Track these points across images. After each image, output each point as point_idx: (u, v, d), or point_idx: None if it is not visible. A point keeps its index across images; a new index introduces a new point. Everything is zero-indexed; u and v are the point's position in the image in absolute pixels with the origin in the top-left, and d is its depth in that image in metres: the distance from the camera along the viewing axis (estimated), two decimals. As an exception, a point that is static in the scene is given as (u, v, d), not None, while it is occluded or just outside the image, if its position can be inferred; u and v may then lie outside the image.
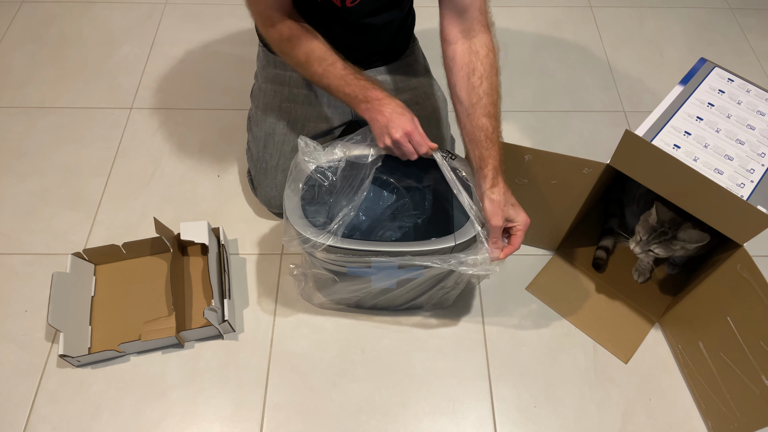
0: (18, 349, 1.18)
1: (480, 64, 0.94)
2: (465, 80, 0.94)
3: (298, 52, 0.99)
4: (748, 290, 0.96)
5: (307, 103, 1.22)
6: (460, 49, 0.96)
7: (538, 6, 1.89)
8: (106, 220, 1.37)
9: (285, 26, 0.98)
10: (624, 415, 1.12)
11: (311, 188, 1.00)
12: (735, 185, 0.96)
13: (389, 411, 1.12)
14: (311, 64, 0.98)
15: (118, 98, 1.61)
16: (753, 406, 0.97)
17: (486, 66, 0.94)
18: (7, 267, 1.29)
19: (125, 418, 1.10)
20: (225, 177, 1.45)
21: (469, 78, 0.94)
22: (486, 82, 0.94)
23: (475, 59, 0.95)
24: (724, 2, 1.93)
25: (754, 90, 1.09)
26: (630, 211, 1.24)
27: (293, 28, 0.98)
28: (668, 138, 1.02)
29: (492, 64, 0.95)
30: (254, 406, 1.12)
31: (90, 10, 1.84)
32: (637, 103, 1.63)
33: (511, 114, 1.60)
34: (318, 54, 0.97)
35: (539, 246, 1.34)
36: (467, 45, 0.96)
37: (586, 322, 1.23)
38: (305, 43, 0.97)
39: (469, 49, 0.96)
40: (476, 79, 0.94)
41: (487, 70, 0.94)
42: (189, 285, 1.26)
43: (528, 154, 1.08)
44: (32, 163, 1.46)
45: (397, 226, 0.98)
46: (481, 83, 0.94)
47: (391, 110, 0.94)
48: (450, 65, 0.97)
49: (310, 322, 1.22)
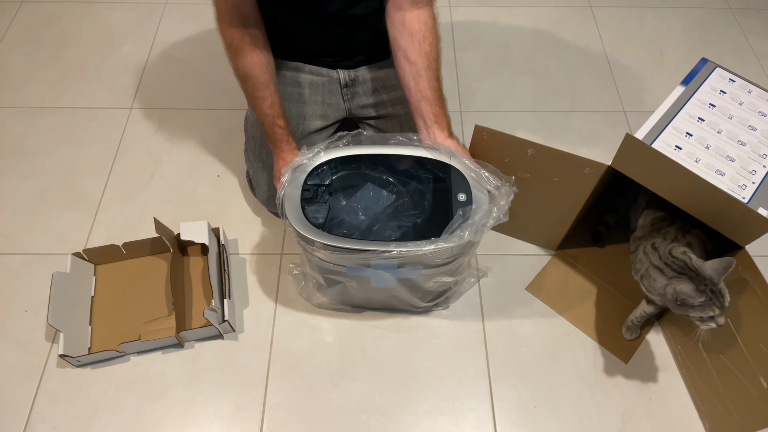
0: (18, 349, 1.18)
1: (429, 33, 1.04)
2: (417, 45, 1.04)
3: (239, 65, 1.04)
4: (748, 292, 0.96)
5: (302, 101, 1.22)
6: (411, 17, 1.04)
7: (538, 6, 1.89)
8: (106, 220, 1.36)
9: (236, 32, 1.02)
10: (624, 415, 1.12)
11: (311, 188, 1.00)
12: (737, 186, 0.96)
13: (389, 411, 1.12)
14: (246, 84, 1.06)
15: (118, 98, 1.61)
16: (751, 408, 0.97)
17: (435, 35, 1.06)
18: (7, 267, 1.29)
19: (125, 418, 1.10)
20: (225, 177, 1.45)
21: (421, 44, 1.04)
22: (435, 50, 1.05)
23: (425, 28, 1.04)
24: (724, 2, 1.93)
25: (755, 90, 1.09)
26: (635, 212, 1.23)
27: (243, 38, 1.02)
28: (670, 139, 1.02)
29: (437, 35, 1.06)
30: (254, 406, 1.12)
31: (90, 10, 1.83)
32: (637, 103, 1.63)
33: (511, 114, 1.60)
34: (254, 81, 1.05)
35: (539, 244, 1.34)
36: (416, 14, 1.04)
37: (586, 322, 1.23)
38: (248, 58, 1.03)
39: (419, 18, 1.04)
40: (427, 46, 1.04)
41: (436, 39, 1.06)
42: (189, 285, 1.26)
43: (531, 148, 1.08)
44: (32, 163, 1.46)
45: (397, 225, 0.98)
46: (431, 50, 1.05)
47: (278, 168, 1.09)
48: (400, 29, 1.05)
49: (310, 322, 1.22)
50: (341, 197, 1.01)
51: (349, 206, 1.00)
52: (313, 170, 1.03)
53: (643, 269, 1.04)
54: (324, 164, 1.04)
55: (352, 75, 1.23)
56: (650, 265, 1.02)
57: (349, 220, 0.99)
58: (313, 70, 1.22)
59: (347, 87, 1.25)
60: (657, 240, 1.04)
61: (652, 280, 1.01)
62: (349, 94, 1.25)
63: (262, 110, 1.07)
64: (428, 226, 0.97)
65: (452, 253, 0.98)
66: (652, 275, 1.01)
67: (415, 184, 1.02)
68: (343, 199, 1.01)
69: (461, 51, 1.74)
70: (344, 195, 1.02)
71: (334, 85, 1.24)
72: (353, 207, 1.00)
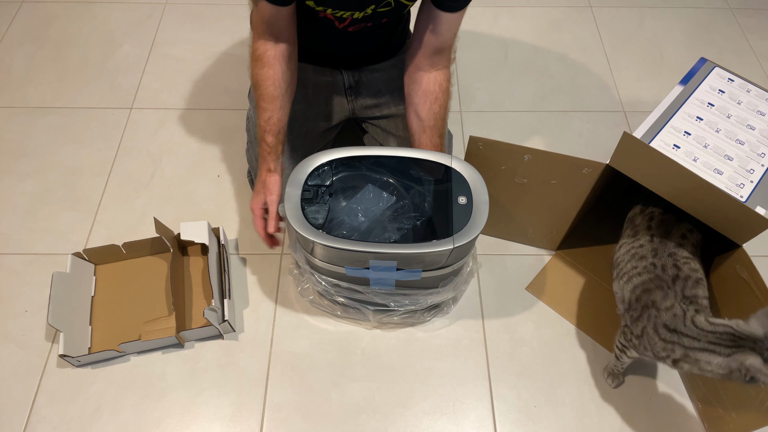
0: (18, 349, 1.18)
1: (442, 94, 1.11)
2: (428, 105, 1.10)
3: (254, 71, 1.07)
4: (746, 291, 0.96)
5: (305, 102, 1.22)
6: (428, 78, 1.10)
7: (538, 6, 1.89)
8: (106, 220, 1.37)
9: (263, 44, 1.05)
10: (624, 415, 1.12)
11: (311, 188, 1.01)
12: (735, 185, 0.96)
13: (389, 411, 1.12)
14: (255, 91, 1.08)
15: (118, 98, 1.61)
16: (749, 408, 0.97)
17: (446, 96, 1.12)
18: (7, 267, 1.29)
19: (125, 418, 1.10)
20: (225, 177, 1.45)
21: (432, 105, 1.10)
22: (443, 109, 1.12)
23: (439, 90, 1.10)
24: (724, 2, 1.93)
25: (754, 90, 1.09)
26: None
27: (267, 50, 1.05)
28: (668, 138, 1.02)
29: (449, 94, 1.13)
30: (254, 406, 1.12)
31: (90, 10, 1.84)
32: (637, 103, 1.63)
33: (511, 114, 1.60)
34: (261, 92, 1.07)
35: (539, 246, 1.34)
36: (434, 75, 1.10)
37: (586, 322, 1.23)
38: (264, 70, 1.05)
39: (435, 80, 1.10)
40: (437, 107, 1.11)
41: (447, 99, 1.12)
42: (189, 285, 1.26)
43: (528, 154, 1.09)
44: (32, 163, 1.46)
45: (396, 227, 0.98)
46: (439, 110, 1.11)
47: (256, 185, 1.10)
48: (416, 88, 1.11)
49: (310, 322, 1.22)
50: (341, 198, 1.01)
51: (349, 207, 1.01)
52: (314, 170, 1.03)
53: (676, 353, 0.90)
54: (325, 165, 1.04)
55: (356, 76, 1.24)
56: (686, 348, 0.89)
57: (349, 221, 0.99)
58: (317, 71, 1.22)
59: (351, 88, 1.25)
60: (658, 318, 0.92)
61: (702, 363, 0.87)
62: (353, 95, 1.25)
63: (259, 122, 1.09)
64: (428, 229, 0.97)
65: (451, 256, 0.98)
66: (701, 358, 0.87)
67: (415, 186, 1.03)
68: (343, 200, 1.01)
69: (461, 51, 1.74)
70: (344, 196, 1.02)
71: (338, 86, 1.24)
72: (353, 208, 1.01)
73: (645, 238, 1.04)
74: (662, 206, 1.07)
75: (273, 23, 1.02)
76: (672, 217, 1.05)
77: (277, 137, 1.08)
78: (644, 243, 1.03)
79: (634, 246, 1.05)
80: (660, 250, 1.01)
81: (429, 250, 0.94)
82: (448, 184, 1.01)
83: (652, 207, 1.09)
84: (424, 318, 1.21)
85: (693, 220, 1.03)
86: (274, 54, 1.05)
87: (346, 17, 1.03)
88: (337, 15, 1.02)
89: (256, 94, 1.08)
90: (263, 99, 1.06)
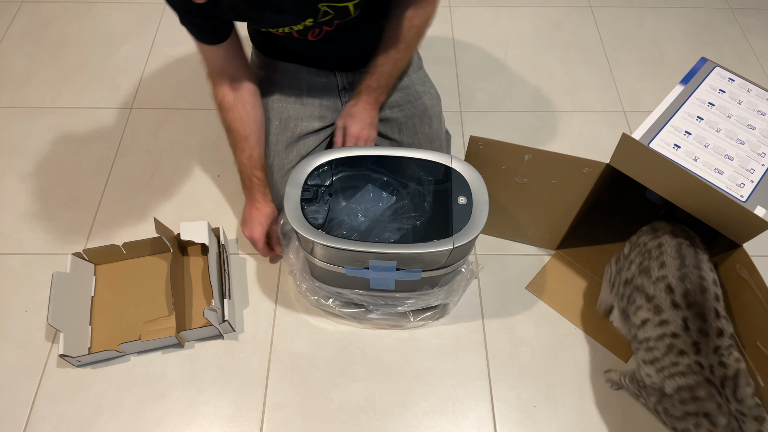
0: (18, 349, 1.18)
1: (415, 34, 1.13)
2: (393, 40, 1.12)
3: (223, 117, 1.13)
4: (746, 290, 0.96)
5: (299, 102, 1.22)
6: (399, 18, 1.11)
7: (538, 6, 1.89)
8: (106, 220, 1.37)
9: (222, 90, 1.11)
10: (624, 415, 1.12)
11: (311, 188, 1.01)
12: (735, 185, 0.96)
13: (389, 411, 1.12)
14: (229, 135, 1.14)
15: (118, 98, 1.61)
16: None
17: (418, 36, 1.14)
18: (7, 267, 1.29)
19: (125, 418, 1.10)
20: (225, 177, 1.45)
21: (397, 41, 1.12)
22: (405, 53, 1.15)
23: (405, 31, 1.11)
24: (724, 2, 1.93)
25: (754, 90, 1.09)
26: None
27: (227, 95, 1.11)
28: (668, 138, 1.02)
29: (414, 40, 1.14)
30: (254, 406, 1.12)
31: (90, 10, 1.84)
32: (637, 103, 1.63)
33: (511, 114, 1.60)
34: (234, 134, 1.13)
35: (539, 246, 1.34)
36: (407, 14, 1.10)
37: (586, 322, 1.23)
38: (231, 113, 1.12)
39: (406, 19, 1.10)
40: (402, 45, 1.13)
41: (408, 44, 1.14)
42: (189, 285, 1.26)
43: (528, 154, 1.08)
44: (32, 163, 1.46)
45: (396, 227, 0.98)
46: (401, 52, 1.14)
47: (250, 214, 1.17)
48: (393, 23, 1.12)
49: (310, 322, 1.22)
50: (341, 198, 1.01)
51: (348, 207, 1.01)
52: (314, 170, 1.03)
53: None
54: (324, 165, 1.04)
55: (350, 78, 1.24)
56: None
57: (349, 221, 0.99)
58: (312, 72, 1.23)
59: (345, 90, 1.25)
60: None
61: None
62: (347, 97, 1.25)
63: (241, 160, 1.14)
64: (428, 229, 0.97)
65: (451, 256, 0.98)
66: None
67: (415, 186, 1.03)
68: (343, 200, 1.01)
69: (461, 51, 1.74)
70: (344, 196, 1.02)
71: (332, 88, 1.24)
72: (353, 208, 1.01)
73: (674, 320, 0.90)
74: (670, 231, 0.99)
75: (223, 66, 1.08)
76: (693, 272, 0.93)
77: (263, 170, 1.15)
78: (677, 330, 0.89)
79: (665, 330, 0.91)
80: (703, 345, 0.87)
81: (429, 250, 0.94)
82: (447, 184, 1.01)
83: (661, 239, 0.99)
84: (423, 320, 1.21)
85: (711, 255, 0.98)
86: (234, 97, 1.11)
87: (287, 31, 1.06)
88: (279, 31, 1.06)
89: (230, 138, 1.14)
90: (238, 140, 1.13)
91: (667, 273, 0.93)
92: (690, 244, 0.97)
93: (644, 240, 1.02)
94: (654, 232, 1.02)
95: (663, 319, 0.91)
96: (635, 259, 1.02)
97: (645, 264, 0.98)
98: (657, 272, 0.95)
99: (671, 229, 1.00)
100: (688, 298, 0.90)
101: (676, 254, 0.96)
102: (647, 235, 1.03)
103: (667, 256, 0.96)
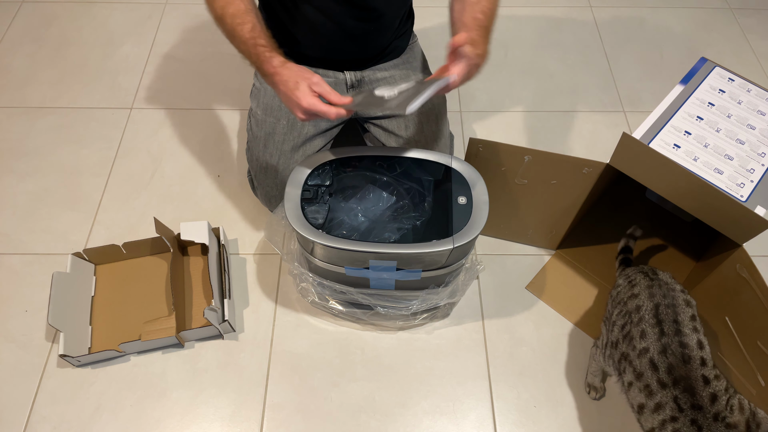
0: (18, 349, 1.18)
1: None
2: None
3: (216, 4, 0.97)
4: (746, 290, 0.96)
5: None
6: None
7: (538, 6, 1.89)
8: (106, 220, 1.37)
9: None
10: (624, 415, 1.12)
11: (311, 188, 1.01)
12: (735, 185, 0.96)
13: (389, 411, 1.12)
14: (224, 19, 0.97)
15: (118, 98, 1.61)
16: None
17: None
18: (7, 267, 1.29)
19: (125, 418, 1.10)
20: (225, 177, 1.45)
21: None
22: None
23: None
24: (724, 2, 1.93)
25: (754, 90, 1.09)
26: None
27: None
28: (668, 138, 1.02)
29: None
30: (254, 406, 1.12)
31: (90, 10, 1.84)
32: (637, 103, 1.63)
33: (511, 114, 1.60)
34: (232, 10, 0.96)
35: (539, 246, 1.34)
36: None
37: (586, 322, 1.23)
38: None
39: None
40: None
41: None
42: (189, 285, 1.26)
43: (528, 155, 1.08)
44: (32, 163, 1.46)
45: (396, 227, 0.98)
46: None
47: (286, 88, 0.92)
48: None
49: (310, 322, 1.22)
50: (341, 198, 1.02)
51: (348, 207, 1.01)
52: (314, 170, 1.03)
53: None
54: (325, 165, 1.04)
55: (359, 76, 1.24)
56: None
57: (349, 221, 0.99)
58: (320, 71, 1.22)
59: (353, 87, 1.25)
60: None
61: None
62: (355, 94, 1.25)
63: (243, 37, 0.96)
64: (428, 229, 0.97)
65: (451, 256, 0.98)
66: None
67: (415, 186, 1.03)
68: (343, 200, 1.01)
69: (461, 51, 1.74)
70: (344, 196, 1.02)
71: (341, 86, 1.24)
72: (353, 208, 1.01)
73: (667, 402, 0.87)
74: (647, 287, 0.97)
75: None
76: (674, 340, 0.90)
77: (268, 40, 0.97)
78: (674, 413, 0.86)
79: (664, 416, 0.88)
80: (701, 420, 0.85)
81: (429, 250, 0.94)
82: (448, 184, 1.01)
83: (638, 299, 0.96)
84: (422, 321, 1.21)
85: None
86: None
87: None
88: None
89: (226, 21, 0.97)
90: (237, 16, 0.96)
91: (648, 345, 0.90)
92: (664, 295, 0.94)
93: (623, 297, 1.00)
94: (631, 288, 0.99)
95: (657, 402, 0.88)
96: (617, 321, 0.99)
97: (627, 329, 0.96)
98: (639, 343, 0.92)
99: (647, 284, 0.97)
100: (672, 373, 0.87)
101: (654, 321, 0.92)
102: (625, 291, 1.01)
103: (646, 324, 0.92)
